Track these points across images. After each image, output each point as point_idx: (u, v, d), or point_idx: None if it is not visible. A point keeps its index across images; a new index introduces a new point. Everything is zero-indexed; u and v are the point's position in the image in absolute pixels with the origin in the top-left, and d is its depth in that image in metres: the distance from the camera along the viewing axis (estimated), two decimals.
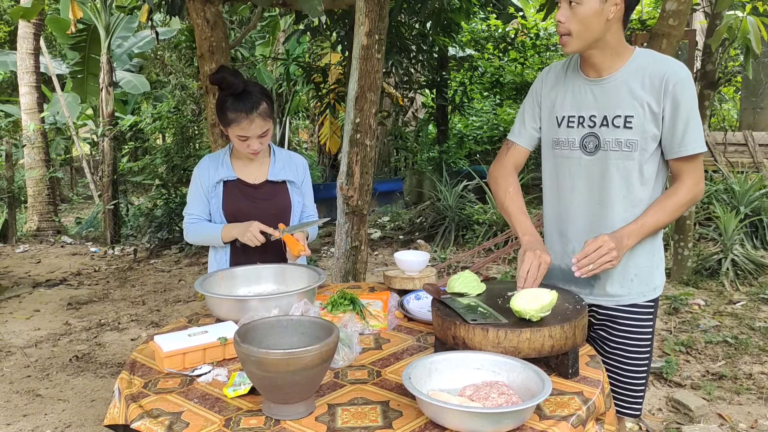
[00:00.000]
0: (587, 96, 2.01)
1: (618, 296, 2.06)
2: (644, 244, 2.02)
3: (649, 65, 1.93)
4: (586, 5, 1.85)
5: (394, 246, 7.99)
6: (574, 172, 2.06)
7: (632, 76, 1.93)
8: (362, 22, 3.61)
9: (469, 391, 1.51)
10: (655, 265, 2.08)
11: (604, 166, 1.99)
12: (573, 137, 2.04)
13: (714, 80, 5.45)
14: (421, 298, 2.33)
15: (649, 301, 2.08)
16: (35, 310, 5.93)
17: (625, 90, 1.94)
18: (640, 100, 1.92)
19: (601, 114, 1.98)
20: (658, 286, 2.10)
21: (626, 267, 2.03)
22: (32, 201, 10.03)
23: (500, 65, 11.70)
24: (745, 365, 4.14)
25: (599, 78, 1.98)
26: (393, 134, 11.45)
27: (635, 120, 1.92)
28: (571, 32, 1.89)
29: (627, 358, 2.08)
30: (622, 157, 1.96)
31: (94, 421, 3.69)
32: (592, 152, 2.01)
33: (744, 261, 5.95)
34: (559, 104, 2.08)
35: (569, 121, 2.05)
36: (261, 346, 1.52)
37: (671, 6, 3.69)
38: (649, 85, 1.91)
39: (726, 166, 8.44)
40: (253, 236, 2.36)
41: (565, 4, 1.88)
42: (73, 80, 10.67)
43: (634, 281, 2.05)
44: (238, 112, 2.34)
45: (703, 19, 8.50)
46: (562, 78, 2.10)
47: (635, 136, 1.93)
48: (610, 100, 1.96)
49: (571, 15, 1.87)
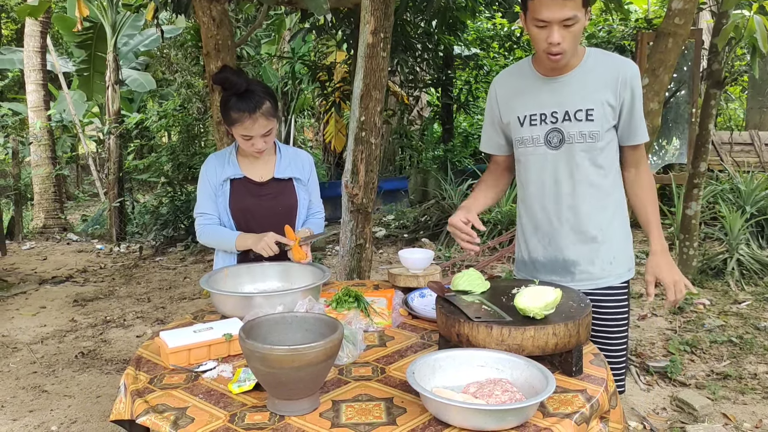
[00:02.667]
0: (545, 94, 2.09)
1: (598, 279, 2.15)
2: (621, 227, 2.16)
3: (603, 62, 2.06)
4: (579, 23, 1.93)
5: (399, 244, 8.00)
6: (542, 167, 2.14)
7: (588, 73, 2.05)
8: (367, 21, 3.61)
9: (472, 388, 1.52)
10: (629, 246, 2.21)
11: (569, 157, 2.09)
12: (537, 134, 2.12)
13: (720, 79, 5.43)
14: (426, 296, 2.33)
15: (624, 282, 2.19)
16: (41, 307, 5.96)
17: (583, 86, 2.05)
18: (598, 94, 2.03)
19: (562, 109, 2.07)
20: (631, 268, 2.21)
21: (607, 251, 2.14)
22: (38, 198, 10.07)
23: (505, 64, 11.68)
24: (750, 365, 4.13)
25: (558, 76, 2.07)
26: (398, 133, 11.45)
27: (595, 112, 2.04)
28: (566, 50, 1.96)
29: (608, 338, 2.17)
30: (586, 148, 2.07)
31: (99, 417, 3.71)
32: (557, 146, 2.10)
33: (749, 261, 5.93)
34: (519, 105, 2.15)
35: (531, 119, 2.13)
36: (266, 342, 1.53)
37: (677, 5, 3.68)
38: (606, 80, 2.03)
39: (732, 165, 8.41)
40: (268, 246, 2.36)
41: (559, 26, 1.92)
42: (80, 78, 10.71)
43: (613, 264, 2.15)
44: (242, 111, 2.35)
45: (710, 18, 8.47)
46: (515, 81, 2.18)
47: (596, 127, 2.05)
48: (570, 96, 2.06)
49: (567, 34, 1.93)
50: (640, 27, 9.41)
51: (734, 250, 5.97)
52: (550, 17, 1.90)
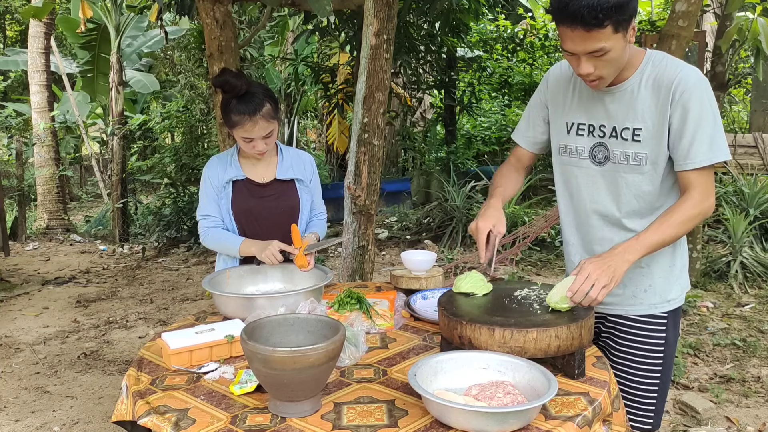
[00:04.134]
0: (597, 104, 1.90)
1: (628, 306, 2.00)
2: (661, 257, 1.94)
3: (659, 72, 1.81)
4: (615, 48, 1.70)
5: (402, 246, 7.99)
6: (586, 183, 1.97)
7: (643, 84, 1.83)
8: (371, 22, 3.61)
9: (474, 390, 1.51)
10: (673, 278, 1.98)
11: (614, 178, 1.91)
12: (582, 146, 1.95)
13: (724, 82, 5.43)
14: (428, 298, 2.33)
15: (662, 313, 1.99)
16: (44, 308, 5.97)
17: (634, 99, 1.84)
18: (649, 111, 1.82)
19: (610, 124, 1.89)
20: (672, 299, 1.99)
21: (641, 278, 1.96)
22: (42, 199, 10.08)
23: (509, 66, 11.69)
24: (753, 368, 4.11)
25: (610, 87, 1.86)
26: (401, 134, 11.45)
27: (643, 133, 1.83)
28: (604, 76, 1.77)
29: (634, 369, 2.00)
30: (630, 170, 1.87)
31: (101, 418, 3.71)
32: (601, 163, 1.93)
33: (753, 263, 5.91)
34: (568, 109, 1.98)
35: (579, 128, 1.96)
36: (267, 344, 1.52)
37: (681, 7, 3.68)
38: (658, 93, 1.80)
39: (736, 168, 8.39)
40: (272, 254, 2.35)
41: (586, 58, 1.72)
42: (83, 79, 10.73)
43: (648, 292, 1.97)
44: (242, 114, 2.34)
45: (714, 21, 8.46)
46: (570, 80, 1.98)
47: (644, 149, 1.84)
48: (620, 110, 1.86)
49: (599, 63, 1.73)
50: (644, 29, 9.41)
51: (738, 253, 5.96)
52: (574, 49, 1.72)
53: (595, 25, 1.65)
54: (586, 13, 1.63)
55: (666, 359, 2.01)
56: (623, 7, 1.65)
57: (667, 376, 2.03)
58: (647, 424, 2.05)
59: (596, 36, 1.67)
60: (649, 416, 2.04)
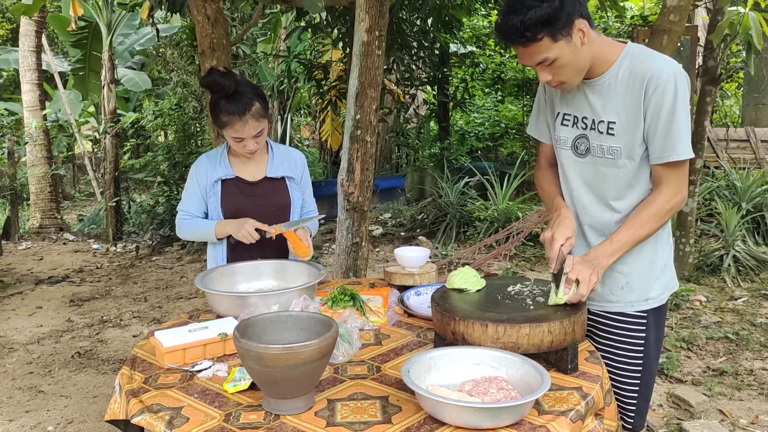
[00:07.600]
0: (581, 96, 1.92)
1: (606, 302, 2.00)
2: (639, 253, 1.93)
3: (635, 66, 1.81)
4: (562, 55, 1.74)
5: (396, 243, 8.00)
6: (569, 174, 2.00)
7: (620, 78, 1.84)
8: (363, 19, 3.60)
9: (468, 386, 1.52)
10: (653, 277, 1.97)
11: (593, 171, 1.93)
12: (566, 136, 1.97)
13: (716, 76, 5.44)
14: (421, 294, 2.33)
15: (641, 311, 1.97)
16: (38, 307, 5.95)
17: (608, 94, 1.85)
18: (623, 105, 1.83)
19: (590, 117, 1.90)
20: (652, 298, 1.97)
21: (617, 274, 1.96)
22: (35, 198, 10.04)
23: (502, 62, 11.68)
24: (746, 361, 4.14)
25: (590, 78, 1.88)
26: (394, 131, 11.44)
27: (617, 127, 1.84)
28: (564, 80, 1.82)
29: (613, 367, 1.99)
30: (607, 164, 1.89)
31: (96, 417, 3.70)
32: (583, 155, 1.94)
33: (746, 257, 5.94)
34: (558, 99, 2.00)
35: (564, 118, 1.98)
36: (260, 341, 1.52)
37: (672, 2, 3.68)
38: (632, 88, 1.81)
39: (728, 162, 8.43)
40: (248, 233, 2.35)
41: (541, 67, 1.78)
42: (75, 77, 10.68)
43: (625, 289, 1.96)
44: (231, 114, 2.33)
45: (705, 15, 8.48)
46: None
47: (618, 143, 1.85)
48: (598, 103, 1.87)
49: (554, 70, 1.78)
50: (636, 24, 9.42)
51: (730, 247, 5.99)
52: (524, 62, 1.81)
53: (529, 41, 1.72)
54: (512, 34, 1.73)
55: (647, 360, 1.99)
56: (551, 20, 1.69)
57: (649, 376, 2.01)
58: (628, 424, 2.04)
59: (535, 49, 1.74)
60: (629, 416, 2.03)
